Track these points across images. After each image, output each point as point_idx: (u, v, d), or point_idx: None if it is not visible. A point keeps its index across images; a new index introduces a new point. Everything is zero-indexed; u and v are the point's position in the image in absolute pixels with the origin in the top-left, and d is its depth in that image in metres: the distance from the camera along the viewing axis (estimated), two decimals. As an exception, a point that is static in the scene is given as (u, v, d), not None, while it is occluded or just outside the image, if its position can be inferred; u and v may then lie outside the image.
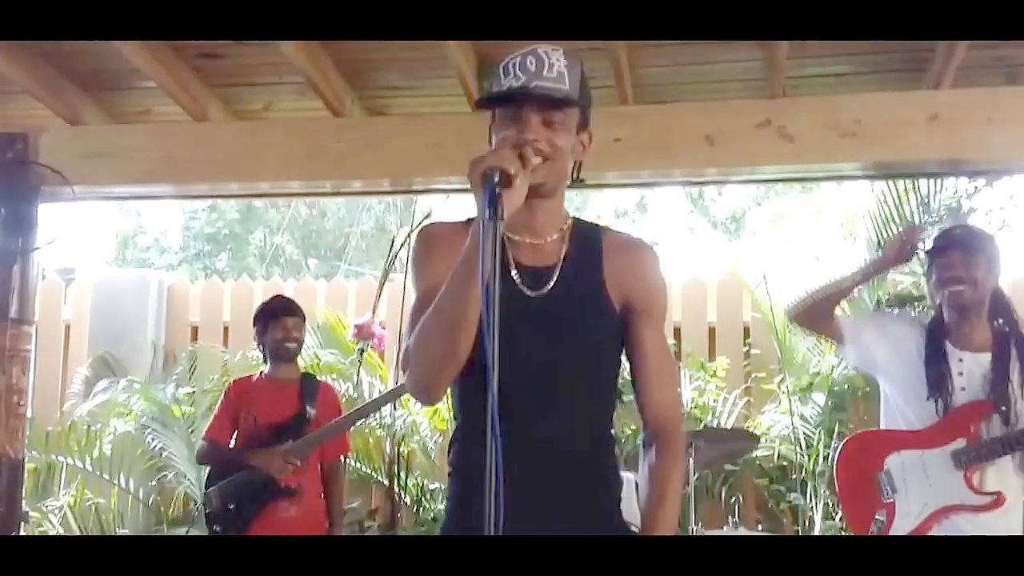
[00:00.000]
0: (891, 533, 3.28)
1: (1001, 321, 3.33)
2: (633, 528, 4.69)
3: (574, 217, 2.21)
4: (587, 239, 2.16)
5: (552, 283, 2.07)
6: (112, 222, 16.88)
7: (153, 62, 4.60)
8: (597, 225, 2.25)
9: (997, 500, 3.19)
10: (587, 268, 2.11)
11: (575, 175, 2.17)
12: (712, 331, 6.99)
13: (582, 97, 2.08)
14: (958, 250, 3.30)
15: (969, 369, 3.28)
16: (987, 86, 4.43)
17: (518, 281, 2.06)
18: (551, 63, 2.02)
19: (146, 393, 6.72)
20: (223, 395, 4.69)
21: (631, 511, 5.10)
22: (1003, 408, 3.20)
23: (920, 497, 3.27)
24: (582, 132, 2.13)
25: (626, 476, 5.18)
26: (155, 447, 6.56)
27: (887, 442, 3.41)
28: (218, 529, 4.42)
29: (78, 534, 6.45)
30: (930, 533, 3.21)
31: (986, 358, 3.27)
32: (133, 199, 7.10)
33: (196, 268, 16.24)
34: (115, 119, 5.23)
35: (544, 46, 2.05)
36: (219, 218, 16.74)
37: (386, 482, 6.33)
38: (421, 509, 6.47)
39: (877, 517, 3.32)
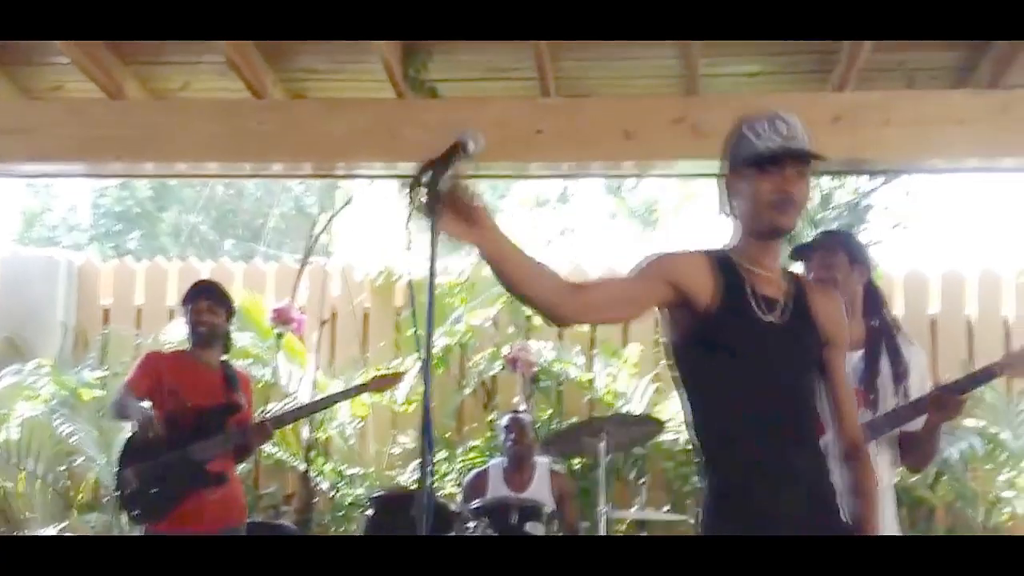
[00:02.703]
0: None
1: (875, 320, 3.42)
2: (545, 508, 4.82)
3: None
4: (789, 276, 2.49)
5: (782, 311, 2.38)
6: (18, 199, 16.43)
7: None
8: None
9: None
10: (800, 302, 2.42)
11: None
12: (625, 319, 7.12)
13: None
14: (816, 254, 3.40)
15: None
16: (887, 89, 4.63)
17: (755, 307, 2.36)
18: (793, 124, 2.37)
19: (56, 376, 6.60)
20: (143, 357, 4.58)
21: (545, 496, 5.22)
22: (871, 396, 3.30)
23: None
24: None
25: (540, 460, 5.33)
26: (64, 432, 6.45)
27: None
28: (137, 513, 4.34)
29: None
30: None
31: (859, 355, 3.36)
32: (45, 177, 6.97)
33: (106, 247, 15.88)
34: (27, 95, 5.14)
35: (782, 112, 2.39)
36: (130, 196, 16.37)
37: (303, 467, 6.34)
38: (338, 494, 6.49)
39: None
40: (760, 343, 2.34)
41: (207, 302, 4.47)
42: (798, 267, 3.45)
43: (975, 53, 4.49)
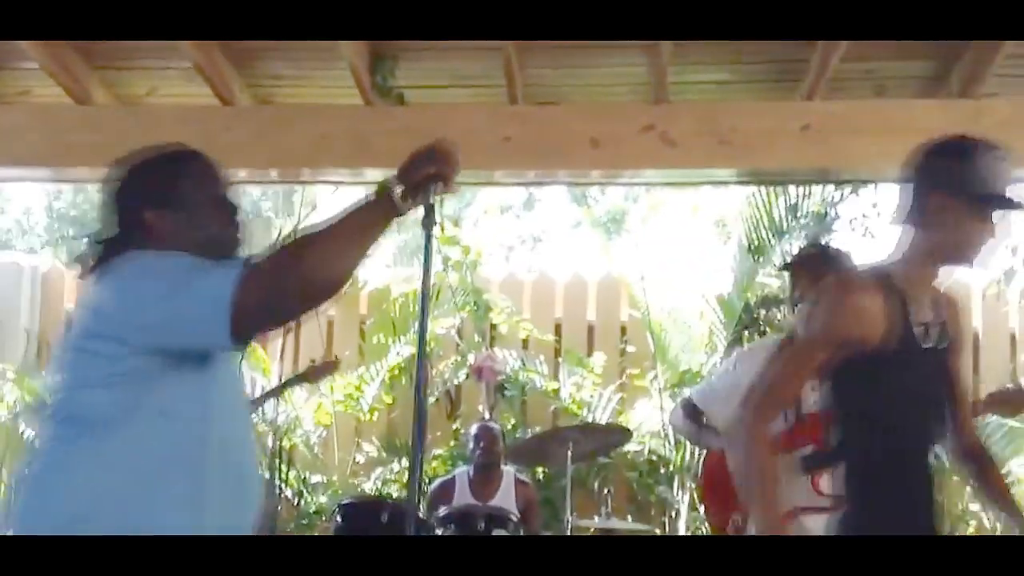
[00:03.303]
0: (746, 533, 3.42)
1: None
2: (511, 517, 4.81)
3: None
4: (936, 292, 2.46)
5: (936, 336, 2.38)
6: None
7: (34, 41, 4.48)
8: None
9: (836, 505, 3.36)
10: (943, 319, 2.43)
11: None
12: (591, 328, 7.15)
13: None
14: (805, 270, 3.46)
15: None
16: (856, 99, 4.67)
17: (918, 337, 2.35)
18: (1008, 166, 2.35)
19: (21, 382, 6.53)
20: None
21: (510, 505, 5.22)
22: None
23: None
24: None
25: (506, 469, 5.32)
26: (29, 437, 6.37)
27: None
28: None
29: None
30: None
31: None
32: (10, 182, 6.90)
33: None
34: (-8, 99, 5.08)
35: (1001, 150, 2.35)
36: (85, 200, 16.12)
37: (267, 475, 6.29)
38: (302, 502, 6.45)
39: (734, 518, 3.46)
40: (918, 370, 2.37)
41: None
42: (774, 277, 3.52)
43: (945, 63, 4.53)
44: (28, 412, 6.45)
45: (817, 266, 3.43)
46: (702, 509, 5.69)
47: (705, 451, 3.86)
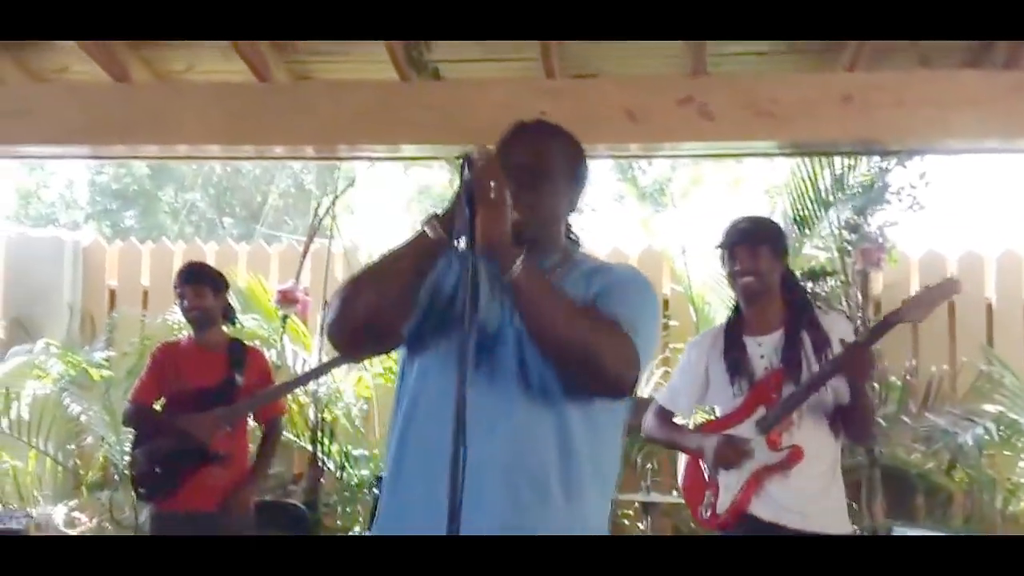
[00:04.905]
0: (718, 508, 3.47)
1: (790, 296, 3.54)
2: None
3: None
4: None
5: None
6: (13, 175, 16.37)
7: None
8: None
9: (794, 453, 3.37)
10: None
11: None
12: (633, 302, 7.08)
13: None
14: (743, 244, 3.47)
15: (767, 350, 3.48)
16: (900, 69, 4.56)
17: None
18: None
19: (65, 356, 6.63)
20: (150, 358, 4.62)
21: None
22: (797, 372, 3.39)
23: (735, 470, 3.45)
24: None
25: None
26: (74, 411, 6.47)
27: (707, 431, 3.63)
28: (143, 491, 4.40)
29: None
30: (750, 503, 3.40)
31: (780, 334, 3.47)
32: (49, 159, 6.98)
33: (104, 225, 15.86)
34: (32, 77, 5.12)
35: None
36: (128, 174, 16.29)
37: (310, 448, 6.34)
38: (344, 475, 6.49)
39: (708, 497, 3.52)
40: None
41: (189, 286, 4.47)
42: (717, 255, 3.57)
43: (989, 33, 4.41)
44: (72, 386, 6.53)
45: (754, 240, 3.47)
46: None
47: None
